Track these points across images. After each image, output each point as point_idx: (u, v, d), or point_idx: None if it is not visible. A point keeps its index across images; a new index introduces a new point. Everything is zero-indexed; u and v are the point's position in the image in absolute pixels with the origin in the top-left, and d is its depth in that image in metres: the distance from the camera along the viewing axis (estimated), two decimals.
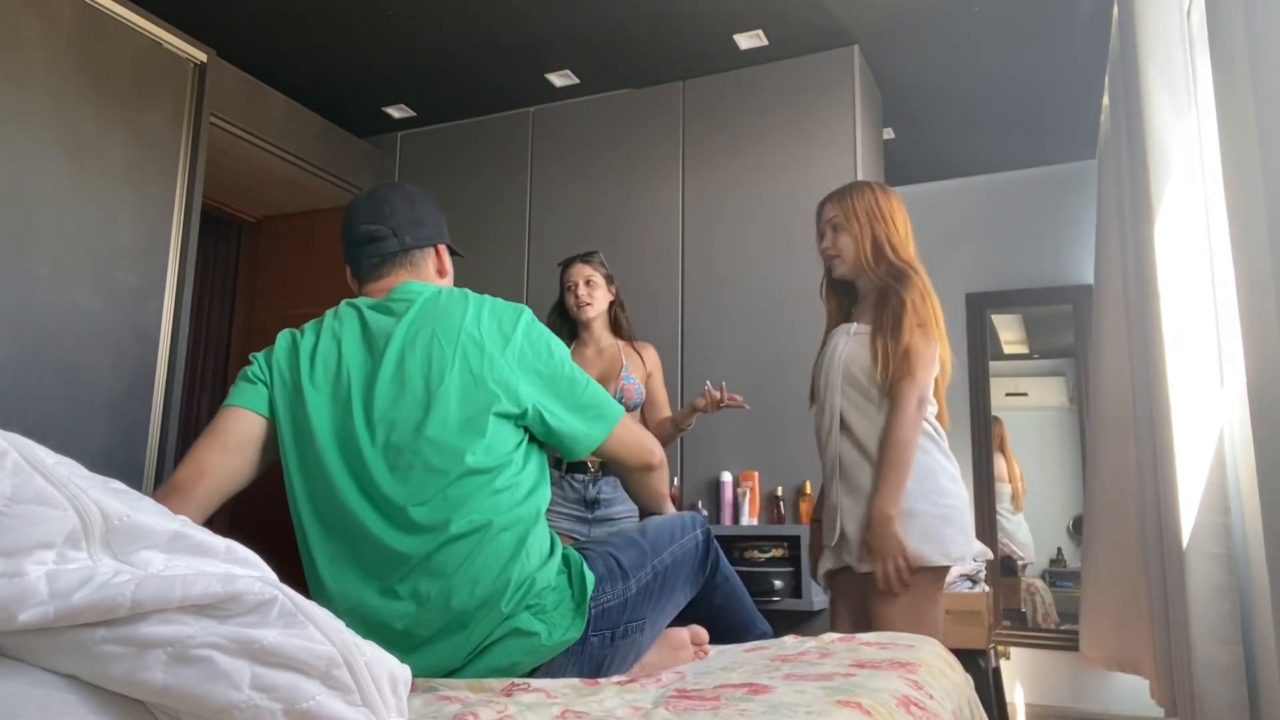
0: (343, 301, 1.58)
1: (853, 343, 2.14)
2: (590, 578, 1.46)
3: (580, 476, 2.69)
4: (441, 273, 1.68)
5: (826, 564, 2.18)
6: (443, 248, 1.68)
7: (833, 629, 2.15)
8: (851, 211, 2.17)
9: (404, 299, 1.54)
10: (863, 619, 2.12)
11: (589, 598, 1.44)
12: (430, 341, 1.47)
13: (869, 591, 2.05)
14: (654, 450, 1.65)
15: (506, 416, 1.46)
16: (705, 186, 3.67)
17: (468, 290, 1.59)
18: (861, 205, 2.17)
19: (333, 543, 1.42)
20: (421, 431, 1.41)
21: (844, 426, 2.12)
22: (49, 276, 2.60)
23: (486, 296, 1.57)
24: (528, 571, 1.40)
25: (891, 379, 2.04)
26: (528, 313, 1.56)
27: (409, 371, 1.45)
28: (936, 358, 2.10)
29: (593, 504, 2.70)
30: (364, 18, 3.34)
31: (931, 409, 2.13)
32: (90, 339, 2.69)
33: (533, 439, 1.53)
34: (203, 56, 3.11)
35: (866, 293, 2.19)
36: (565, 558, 1.50)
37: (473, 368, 1.45)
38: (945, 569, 2.06)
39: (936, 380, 2.15)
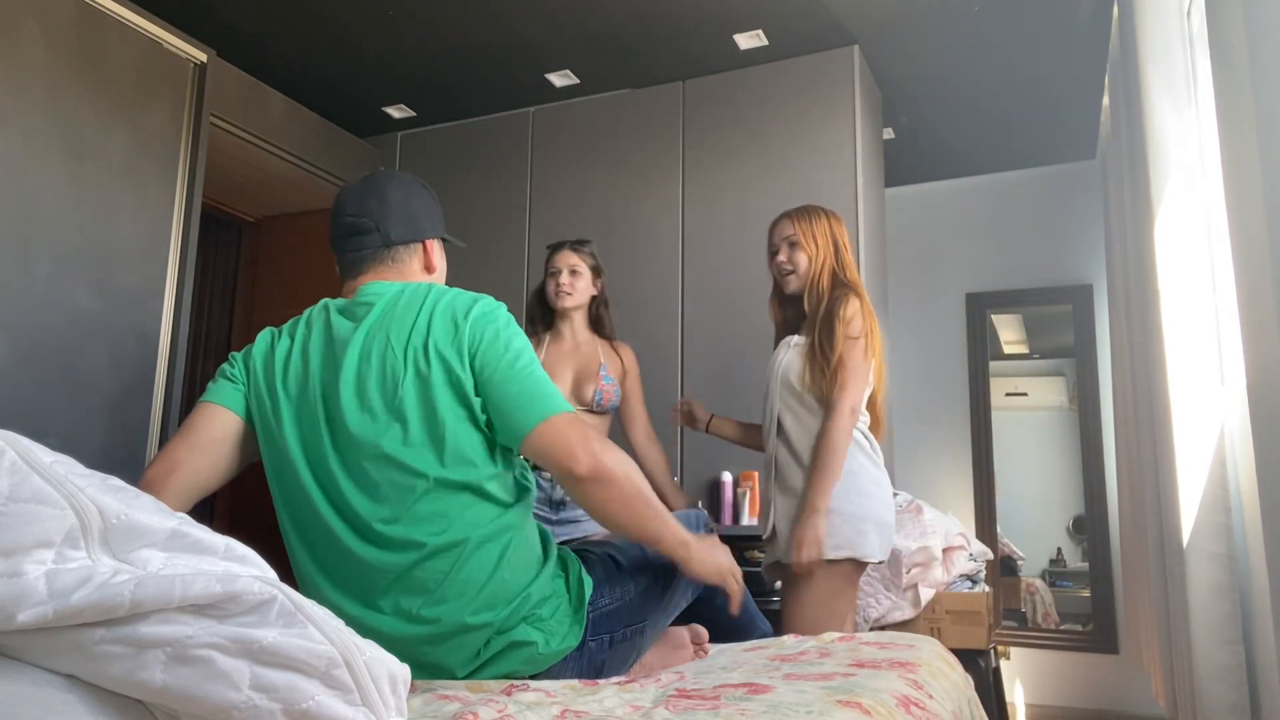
0: (320, 302, 1.52)
1: (791, 353, 2.29)
2: (589, 583, 1.43)
3: (547, 474, 2.52)
4: (429, 269, 1.57)
5: (768, 558, 2.32)
6: (433, 243, 1.58)
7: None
8: (810, 234, 2.33)
9: (366, 302, 1.45)
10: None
11: (587, 603, 1.41)
12: (385, 349, 1.39)
13: (792, 584, 2.18)
14: (579, 455, 1.33)
15: (465, 419, 1.36)
16: (705, 186, 3.67)
17: (435, 285, 1.49)
18: (820, 229, 2.34)
19: (313, 553, 1.39)
20: (382, 448, 1.34)
21: (780, 429, 2.28)
22: (49, 276, 2.60)
23: (451, 290, 1.47)
24: (520, 583, 1.36)
25: (827, 388, 2.18)
26: (487, 300, 1.44)
27: (367, 383, 1.37)
28: (870, 371, 2.23)
29: (559, 505, 2.56)
30: (364, 18, 3.34)
31: (864, 420, 2.27)
32: (90, 339, 2.69)
33: None
34: (203, 56, 3.11)
35: (811, 308, 2.32)
36: (563, 561, 1.46)
37: (422, 371, 1.36)
38: (861, 565, 2.19)
39: (873, 393, 2.30)
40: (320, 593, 1.37)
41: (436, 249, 1.59)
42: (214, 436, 1.44)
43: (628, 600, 1.48)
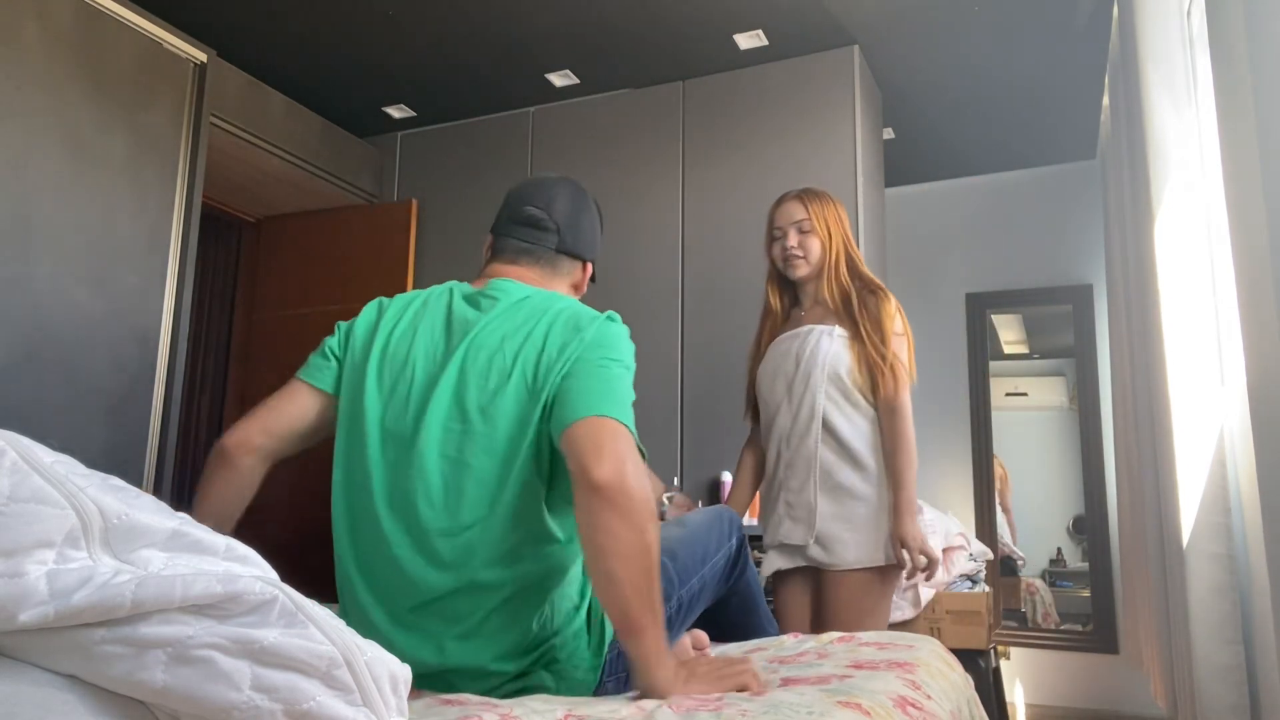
0: (445, 284, 1.46)
1: (837, 345, 2.17)
2: (609, 629, 1.35)
3: None
4: (577, 289, 1.54)
5: (778, 563, 2.20)
6: (589, 266, 1.55)
7: (782, 629, 2.18)
8: (822, 218, 2.24)
9: (492, 295, 1.38)
10: (815, 617, 2.16)
11: (607, 645, 1.34)
12: (496, 349, 1.29)
13: (841, 590, 2.10)
14: (606, 457, 1.14)
15: (536, 454, 1.25)
16: (705, 186, 3.67)
17: (565, 296, 1.40)
18: (830, 215, 2.26)
19: (357, 550, 1.31)
20: (463, 454, 1.25)
21: (825, 426, 2.15)
22: (49, 276, 2.60)
23: (577, 302, 1.39)
24: (550, 630, 1.28)
25: (887, 387, 2.12)
26: (613, 315, 1.36)
27: (469, 383, 1.28)
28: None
29: None
30: (364, 18, 3.34)
31: None
32: (90, 339, 2.69)
33: None
34: (203, 56, 3.11)
35: (829, 299, 2.22)
36: (590, 600, 1.37)
37: (528, 383, 1.26)
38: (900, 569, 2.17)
39: None
40: (353, 592, 1.30)
41: (589, 270, 1.56)
42: (296, 412, 1.41)
43: None
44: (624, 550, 1.13)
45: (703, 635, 1.64)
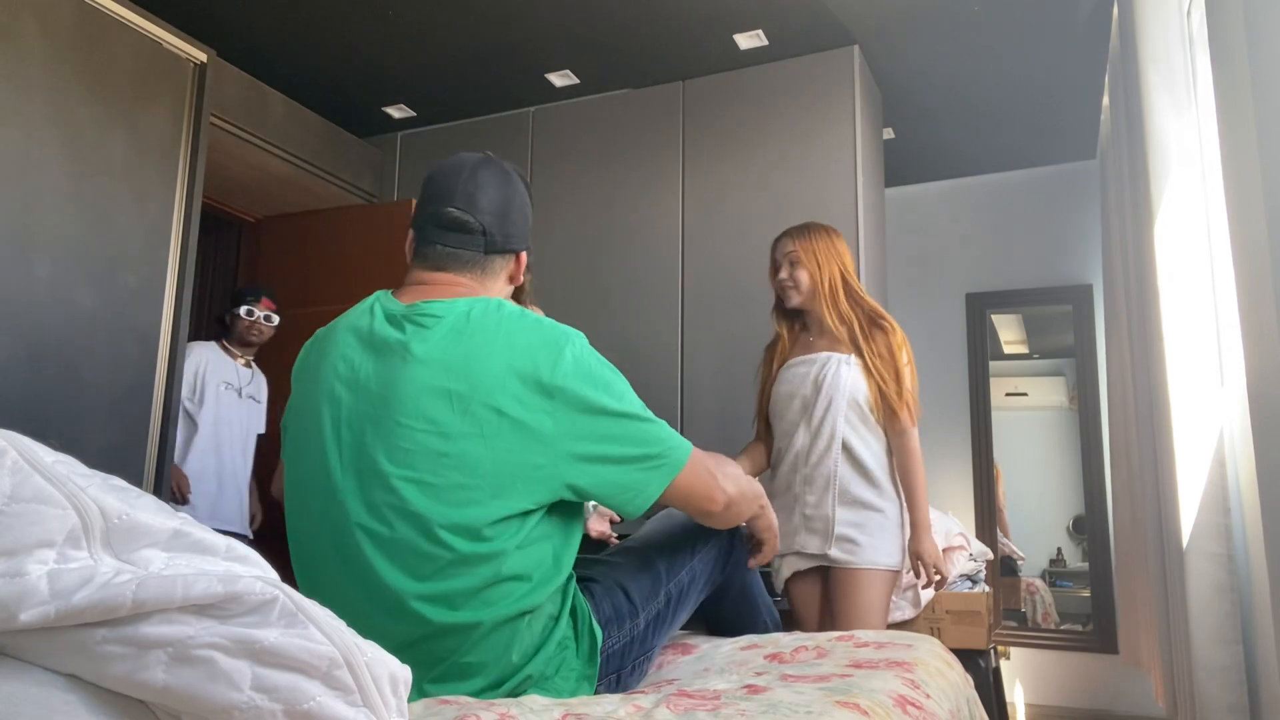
0: (370, 301, 1.34)
1: (855, 374, 2.33)
2: (599, 634, 1.33)
3: None
4: (513, 280, 1.44)
5: (795, 566, 2.37)
6: (524, 254, 1.43)
7: (798, 628, 2.36)
8: (811, 250, 2.39)
9: (419, 323, 1.25)
10: (822, 613, 2.36)
11: (600, 647, 1.32)
12: (444, 387, 1.19)
13: (850, 585, 2.27)
14: (715, 496, 1.36)
15: (519, 490, 1.19)
16: (705, 186, 3.67)
17: (504, 304, 1.29)
18: (820, 246, 2.40)
19: (318, 599, 1.28)
20: (407, 502, 1.17)
21: (844, 448, 2.32)
22: (49, 276, 2.59)
23: (526, 318, 1.27)
24: (531, 652, 1.24)
25: (901, 418, 2.30)
26: (575, 343, 1.26)
27: (410, 424, 1.19)
28: None
29: None
30: (364, 18, 3.34)
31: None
32: (90, 339, 2.69)
33: (557, 504, 1.26)
34: (203, 56, 3.11)
35: (834, 327, 2.37)
36: (574, 610, 1.33)
37: (487, 436, 1.17)
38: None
39: None
40: None
41: (524, 259, 1.45)
42: None
43: (636, 635, 1.40)
44: (737, 519, 1.47)
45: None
